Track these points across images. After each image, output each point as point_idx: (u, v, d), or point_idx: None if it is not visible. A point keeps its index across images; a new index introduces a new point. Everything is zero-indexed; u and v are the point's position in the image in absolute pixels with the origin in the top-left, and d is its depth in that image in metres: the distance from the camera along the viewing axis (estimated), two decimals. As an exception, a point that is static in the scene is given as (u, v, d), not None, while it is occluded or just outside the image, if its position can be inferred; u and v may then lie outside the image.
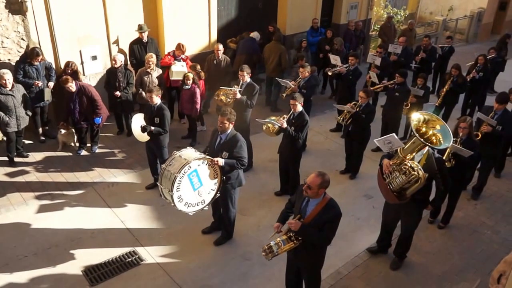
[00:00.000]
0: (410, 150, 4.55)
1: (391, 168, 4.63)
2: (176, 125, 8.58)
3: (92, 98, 7.04)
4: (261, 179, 7.11)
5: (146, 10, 8.56)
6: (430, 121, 4.57)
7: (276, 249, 4.05)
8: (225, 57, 8.58)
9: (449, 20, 16.02)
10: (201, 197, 5.05)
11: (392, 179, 4.63)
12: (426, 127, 4.56)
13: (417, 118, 4.54)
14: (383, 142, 4.88)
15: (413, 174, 4.44)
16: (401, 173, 4.53)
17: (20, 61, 7.11)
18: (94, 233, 5.73)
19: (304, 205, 4.08)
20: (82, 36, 7.84)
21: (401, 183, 4.56)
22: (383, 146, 4.91)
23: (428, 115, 4.61)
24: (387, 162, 4.68)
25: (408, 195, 4.62)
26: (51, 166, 7.10)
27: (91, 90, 7.06)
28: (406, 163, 4.51)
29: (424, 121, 4.56)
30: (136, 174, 7.04)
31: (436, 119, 4.59)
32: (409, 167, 4.47)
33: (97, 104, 7.10)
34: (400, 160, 4.60)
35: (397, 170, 4.58)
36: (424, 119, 4.57)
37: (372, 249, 5.67)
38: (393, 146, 4.79)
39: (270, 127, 6.18)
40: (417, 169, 4.45)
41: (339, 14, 12.20)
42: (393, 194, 4.67)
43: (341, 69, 8.43)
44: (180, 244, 5.64)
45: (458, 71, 8.48)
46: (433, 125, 4.56)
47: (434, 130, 4.55)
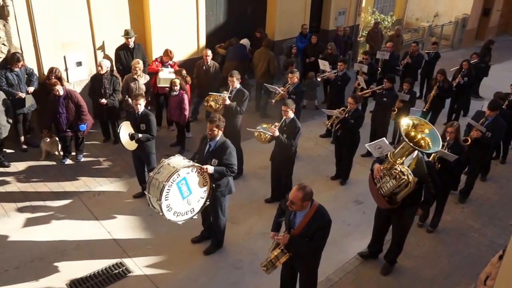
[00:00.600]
0: (400, 154, 4.59)
1: (381, 173, 4.65)
2: (164, 132, 8.46)
3: (79, 104, 6.88)
4: (252, 186, 7.02)
5: (133, 15, 8.45)
6: (419, 126, 4.63)
7: (274, 263, 4.11)
8: (214, 63, 8.50)
9: (435, 26, 16.30)
10: (191, 205, 4.95)
11: (383, 184, 4.65)
12: (415, 132, 4.61)
13: (406, 123, 4.59)
14: (373, 147, 4.91)
15: (403, 179, 4.47)
16: (392, 178, 4.55)
17: (0, 68, 6.91)
18: (79, 245, 5.55)
19: (292, 216, 4.05)
20: (67, 41, 7.68)
21: (391, 187, 4.57)
22: (374, 151, 4.94)
23: (416, 119, 4.68)
24: (378, 167, 4.70)
25: (399, 199, 4.64)
26: (34, 175, 6.90)
27: (78, 96, 6.91)
28: (396, 167, 4.53)
29: (413, 126, 4.62)
30: (123, 183, 6.89)
31: (424, 123, 4.66)
32: (399, 172, 4.50)
33: (83, 111, 6.94)
34: (390, 165, 4.61)
35: (388, 174, 4.60)
36: (413, 123, 4.62)
37: (363, 254, 5.66)
38: (383, 150, 4.83)
39: (261, 135, 6.11)
40: (407, 173, 4.48)
41: (328, 20, 12.27)
42: (384, 199, 4.68)
43: (329, 74, 8.44)
44: (168, 254, 5.52)
45: (443, 76, 8.60)
46: (422, 129, 4.62)
47: (423, 134, 4.61)
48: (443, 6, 17.04)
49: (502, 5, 17.63)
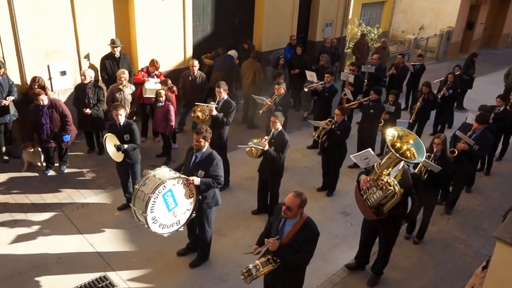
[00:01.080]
0: (386, 165, 4.61)
1: (368, 184, 4.65)
2: (150, 143, 8.37)
3: (63, 114, 6.76)
4: (238, 197, 6.97)
5: (118, 25, 8.40)
6: (404, 136, 4.68)
7: (255, 272, 3.94)
8: (200, 73, 8.48)
9: (420, 39, 16.57)
10: (176, 217, 4.88)
11: (369, 195, 4.66)
12: (401, 142, 4.65)
13: (391, 134, 4.64)
14: (359, 157, 4.92)
15: (390, 189, 4.48)
16: (378, 189, 4.56)
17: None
18: (61, 258, 5.42)
19: (281, 225, 4.00)
20: (51, 50, 7.58)
21: (378, 198, 4.58)
22: (360, 162, 4.95)
23: (401, 130, 4.73)
24: (365, 178, 4.71)
25: (385, 210, 4.65)
26: (15, 187, 6.74)
27: (63, 106, 6.80)
28: (383, 178, 4.55)
29: (398, 137, 4.66)
30: (108, 194, 6.77)
31: (409, 134, 4.71)
32: (386, 183, 4.51)
33: (67, 121, 6.83)
34: (377, 176, 4.63)
35: (374, 185, 4.61)
36: (398, 134, 4.67)
37: (350, 265, 5.65)
38: (370, 161, 4.85)
39: (253, 150, 6.07)
40: (393, 184, 4.50)
41: (315, 31, 12.38)
42: (371, 210, 4.69)
43: (317, 86, 8.47)
44: (154, 267, 5.42)
45: (428, 89, 8.75)
46: (407, 140, 4.67)
47: (408, 144, 4.66)
48: (428, 19, 17.36)
49: (486, 18, 18.01)
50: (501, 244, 3.08)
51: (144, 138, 8.29)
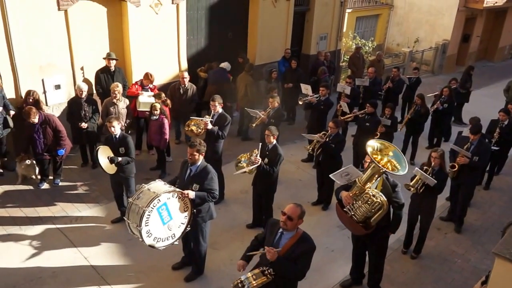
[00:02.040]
0: (368, 178, 4.59)
1: (352, 200, 4.61)
2: (144, 156, 8.35)
3: (57, 129, 6.75)
4: (233, 211, 6.94)
5: (112, 39, 8.44)
6: (383, 149, 4.67)
7: (247, 284, 3.86)
8: (191, 85, 8.53)
9: (415, 52, 16.68)
10: (171, 231, 4.85)
11: (355, 210, 4.60)
12: (381, 155, 4.64)
13: (371, 145, 4.63)
14: (339, 175, 4.87)
15: (376, 202, 4.49)
16: (363, 202, 4.54)
17: None
18: (55, 272, 5.37)
19: (277, 238, 3.98)
20: (45, 64, 7.59)
21: (365, 212, 4.55)
22: (340, 179, 4.87)
23: (380, 142, 4.73)
24: (347, 194, 4.66)
25: (373, 223, 4.62)
26: (9, 200, 6.70)
27: (56, 121, 6.78)
28: (367, 191, 4.53)
29: (377, 149, 4.65)
30: (102, 208, 6.74)
31: (388, 146, 4.70)
32: (371, 196, 4.51)
33: (62, 136, 6.82)
34: (359, 190, 4.60)
35: (359, 199, 4.58)
36: (377, 147, 4.67)
37: (345, 284, 5.59)
38: (352, 177, 4.79)
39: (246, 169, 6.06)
40: (378, 195, 4.50)
41: (309, 44, 12.47)
42: (359, 225, 4.64)
43: (311, 98, 8.51)
44: (149, 281, 5.38)
45: (421, 101, 8.77)
46: (386, 152, 4.67)
47: (388, 156, 4.64)
48: (423, 32, 17.50)
49: (482, 31, 18.10)
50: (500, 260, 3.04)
51: (139, 151, 8.27)
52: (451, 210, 7.11)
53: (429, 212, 6.01)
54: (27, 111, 6.49)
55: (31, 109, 6.52)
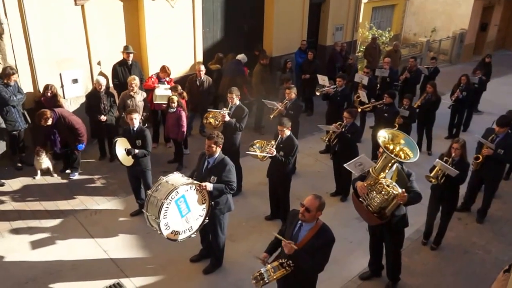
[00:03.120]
0: (381, 168, 4.55)
1: (366, 190, 4.58)
2: (162, 149, 8.38)
3: (73, 127, 6.80)
4: (251, 203, 6.91)
5: (129, 32, 8.46)
6: (394, 137, 4.64)
7: (267, 276, 3.84)
8: (207, 78, 8.51)
9: (433, 41, 16.40)
10: (189, 223, 4.84)
11: (370, 201, 4.57)
12: (393, 144, 4.61)
13: (383, 135, 4.60)
14: (353, 165, 4.83)
15: (390, 192, 4.44)
16: (378, 193, 4.50)
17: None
18: (75, 265, 5.42)
19: (297, 230, 3.94)
20: (62, 58, 7.65)
21: (380, 202, 4.52)
22: (354, 169, 4.84)
23: (390, 132, 4.69)
24: (361, 184, 4.63)
25: (388, 213, 4.58)
26: (28, 194, 6.78)
27: (71, 119, 6.80)
28: (381, 181, 4.50)
29: (389, 138, 4.62)
30: (120, 201, 6.77)
31: (399, 134, 4.66)
32: (385, 186, 4.47)
33: (79, 132, 6.87)
34: (373, 180, 4.57)
35: (374, 190, 4.54)
36: (388, 136, 4.63)
37: (364, 276, 5.54)
38: (365, 167, 4.77)
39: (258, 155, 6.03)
40: (392, 185, 4.46)
41: (325, 35, 12.34)
42: (374, 215, 4.61)
43: (328, 89, 8.41)
44: (167, 273, 5.39)
45: (433, 89, 8.59)
46: (398, 141, 4.62)
47: (400, 145, 4.61)
48: (440, 21, 17.19)
49: (500, 19, 17.75)
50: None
51: (156, 144, 8.30)
52: (466, 200, 6.98)
53: (450, 203, 5.90)
54: (40, 114, 6.54)
55: (45, 112, 6.56)
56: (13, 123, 6.93)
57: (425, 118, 8.63)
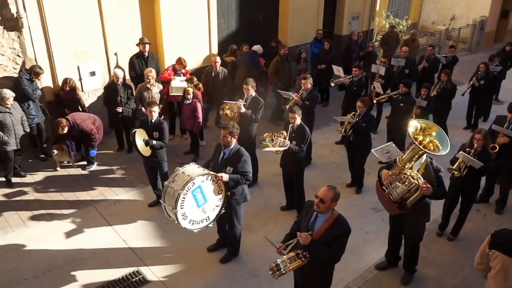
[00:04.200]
0: (408, 158, 4.48)
1: (390, 178, 4.54)
2: (178, 141, 8.46)
3: (86, 133, 6.94)
4: (267, 194, 6.95)
5: (145, 25, 8.52)
6: (426, 129, 4.54)
7: (283, 267, 3.88)
8: (222, 69, 8.54)
9: (452, 30, 16.02)
10: (206, 213, 4.90)
11: (392, 189, 4.54)
12: (423, 135, 4.53)
13: (414, 126, 4.51)
14: (381, 151, 4.80)
15: (413, 183, 4.37)
16: (401, 183, 4.45)
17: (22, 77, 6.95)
18: (96, 253, 5.56)
19: (312, 221, 3.94)
20: (80, 51, 7.76)
21: (401, 192, 4.47)
22: (382, 156, 4.84)
23: (424, 122, 4.60)
24: (386, 173, 4.60)
25: (409, 204, 4.53)
26: (50, 185, 6.96)
27: (84, 125, 6.93)
28: (406, 172, 4.44)
29: (420, 129, 4.53)
30: (138, 192, 6.89)
31: (432, 126, 4.57)
32: (409, 176, 4.41)
33: (92, 137, 7.02)
34: (399, 170, 4.51)
35: (397, 179, 4.49)
36: (420, 127, 4.54)
37: (380, 266, 5.52)
38: (392, 155, 4.73)
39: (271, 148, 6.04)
40: (416, 177, 4.39)
41: (341, 25, 12.21)
42: (394, 205, 4.58)
43: (344, 80, 8.34)
44: (185, 262, 5.48)
45: (447, 77, 8.45)
46: (429, 132, 4.54)
47: (431, 137, 4.52)
48: (459, 9, 16.78)
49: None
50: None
51: (172, 136, 8.38)
52: (486, 192, 6.86)
53: (471, 195, 5.82)
54: (57, 123, 6.73)
55: (61, 121, 6.72)
56: (32, 117, 7.10)
57: (441, 107, 8.48)
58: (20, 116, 6.69)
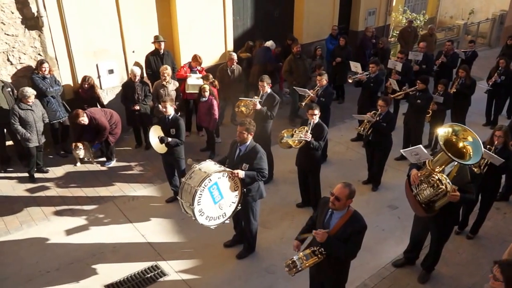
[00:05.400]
0: (439, 163, 4.37)
1: (419, 179, 4.47)
2: (194, 138, 8.55)
3: (100, 128, 7.07)
4: (282, 190, 6.98)
5: (161, 23, 8.60)
6: (461, 132, 4.35)
7: (300, 264, 3.91)
8: (237, 66, 8.58)
9: (470, 24, 15.71)
10: (222, 210, 4.96)
11: (420, 191, 4.47)
12: (457, 139, 4.34)
13: (445, 131, 4.34)
14: (410, 153, 4.70)
15: (441, 188, 4.28)
16: (429, 186, 4.36)
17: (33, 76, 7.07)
18: (116, 248, 5.70)
19: (328, 218, 3.95)
20: (98, 50, 7.91)
21: (429, 195, 4.40)
22: (411, 157, 4.73)
23: (458, 126, 4.40)
24: (415, 173, 4.52)
25: (437, 208, 4.45)
26: (71, 181, 7.14)
27: (101, 121, 7.05)
28: (434, 175, 4.34)
29: (453, 132, 4.35)
30: (156, 188, 7.01)
31: (470, 133, 4.34)
32: (437, 180, 4.31)
33: (103, 134, 7.14)
34: (428, 172, 4.43)
35: (425, 182, 4.42)
36: (453, 130, 4.36)
37: (397, 263, 5.49)
38: (421, 158, 4.62)
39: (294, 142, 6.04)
40: (445, 182, 4.28)
41: (357, 21, 12.10)
42: (421, 207, 4.51)
43: (361, 76, 8.28)
44: (202, 258, 5.56)
45: (465, 72, 8.30)
46: (465, 137, 4.34)
47: (465, 142, 4.32)
48: (478, 3, 16.45)
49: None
50: None
51: (188, 132, 8.47)
52: (506, 190, 6.75)
53: (492, 193, 5.73)
54: (75, 115, 6.84)
55: (79, 112, 6.84)
56: (53, 113, 7.26)
57: (458, 102, 8.35)
58: (41, 114, 6.86)
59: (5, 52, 7.01)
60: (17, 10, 6.90)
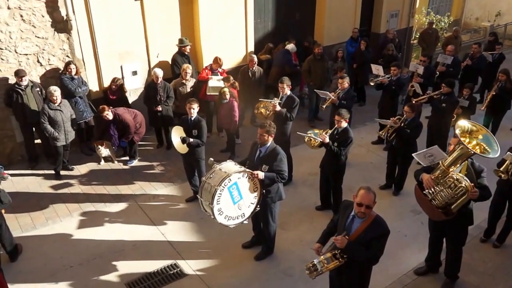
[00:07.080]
0: (453, 161, 4.31)
1: (433, 183, 4.38)
2: (214, 139, 8.62)
3: (125, 125, 7.21)
4: (301, 193, 6.97)
5: (184, 26, 8.73)
6: (473, 131, 4.36)
7: (320, 267, 3.91)
8: (258, 68, 8.63)
9: (497, 26, 15.32)
10: (241, 210, 4.99)
11: (436, 195, 4.37)
12: (470, 137, 4.34)
13: (461, 126, 4.34)
14: (423, 155, 4.61)
15: (460, 187, 4.21)
16: (446, 187, 4.28)
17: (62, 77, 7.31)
18: (136, 245, 5.79)
19: (349, 222, 3.92)
20: (123, 52, 8.08)
21: (446, 197, 4.31)
22: (423, 160, 4.62)
23: (471, 124, 4.41)
24: (428, 178, 4.42)
25: (454, 209, 4.34)
26: (95, 179, 7.30)
27: (125, 117, 7.20)
28: (451, 175, 4.27)
29: (467, 131, 4.35)
30: (176, 187, 7.10)
31: (479, 129, 4.37)
32: (455, 180, 4.23)
33: (129, 131, 7.27)
34: (442, 173, 4.35)
35: (441, 184, 4.33)
36: (467, 128, 4.36)
37: (420, 271, 5.37)
38: (436, 159, 4.52)
39: (312, 140, 6.04)
40: (463, 180, 4.22)
41: (379, 23, 11.96)
42: (439, 211, 4.41)
43: (383, 79, 8.19)
44: (220, 258, 5.60)
45: (505, 76, 8.08)
46: (476, 135, 4.34)
47: (478, 139, 4.32)
48: (506, 4, 16.04)
49: None
50: None
51: (209, 134, 8.52)
52: None
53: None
54: (101, 109, 7.04)
55: (104, 107, 7.05)
56: (80, 113, 7.46)
57: (498, 107, 8.14)
58: (70, 114, 7.06)
59: (36, 54, 7.26)
60: (47, 13, 7.14)
